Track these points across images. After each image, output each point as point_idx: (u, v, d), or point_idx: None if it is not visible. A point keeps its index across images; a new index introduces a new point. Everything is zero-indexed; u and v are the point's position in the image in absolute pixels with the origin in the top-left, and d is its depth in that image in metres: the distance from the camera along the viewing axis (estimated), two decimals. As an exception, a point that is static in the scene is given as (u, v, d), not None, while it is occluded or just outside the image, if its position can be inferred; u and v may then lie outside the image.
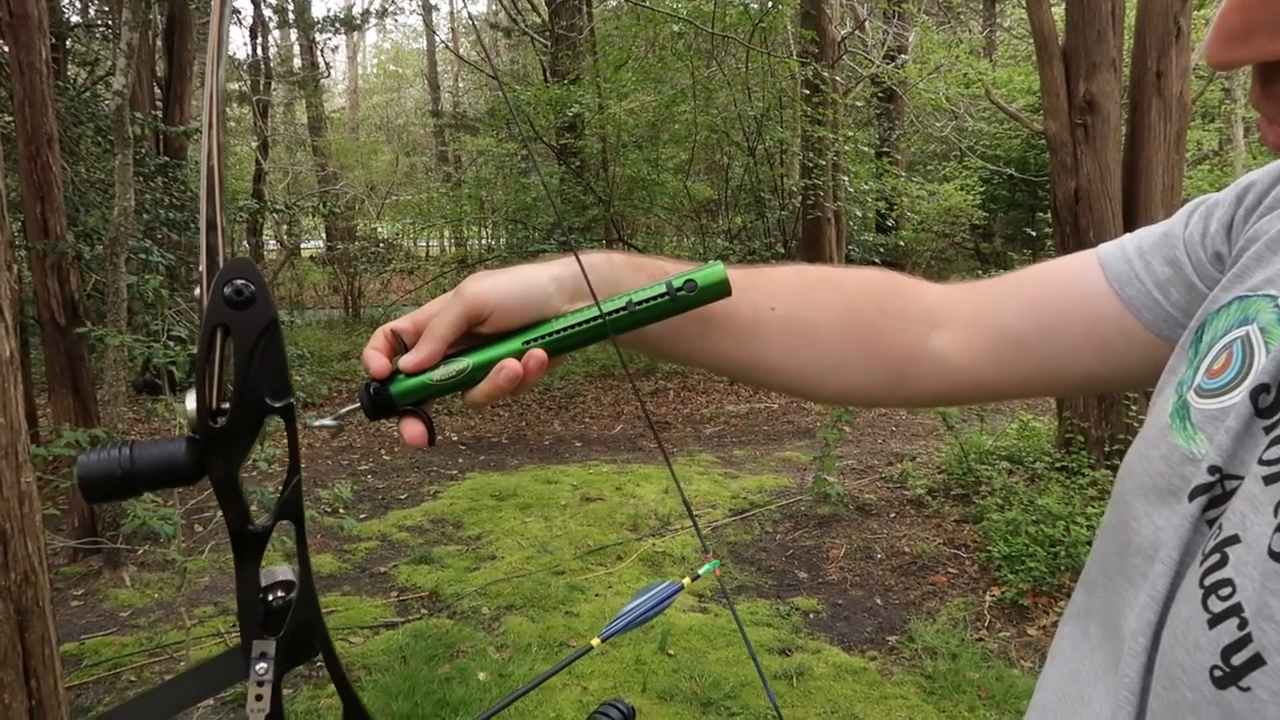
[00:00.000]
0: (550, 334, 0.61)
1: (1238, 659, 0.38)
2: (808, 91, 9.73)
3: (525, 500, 5.59)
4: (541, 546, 4.74)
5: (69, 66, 8.94)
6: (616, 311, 0.61)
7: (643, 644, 3.59)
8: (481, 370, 0.60)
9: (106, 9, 10.07)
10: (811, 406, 8.28)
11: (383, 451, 7.05)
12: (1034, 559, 4.03)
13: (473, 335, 0.61)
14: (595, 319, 0.61)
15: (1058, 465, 4.95)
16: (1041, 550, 4.06)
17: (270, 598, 0.53)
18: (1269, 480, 0.41)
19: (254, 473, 5.16)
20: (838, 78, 10.21)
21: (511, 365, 0.59)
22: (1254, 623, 0.38)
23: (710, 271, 0.62)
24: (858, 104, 11.85)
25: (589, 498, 5.60)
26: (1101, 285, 0.65)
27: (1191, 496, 0.46)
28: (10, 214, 2.76)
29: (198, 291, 0.51)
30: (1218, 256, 0.59)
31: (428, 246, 20.56)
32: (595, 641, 0.63)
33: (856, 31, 11.34)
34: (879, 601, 4.08)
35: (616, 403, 8.67)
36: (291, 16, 16.92)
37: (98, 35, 10.38)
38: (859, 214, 11.18)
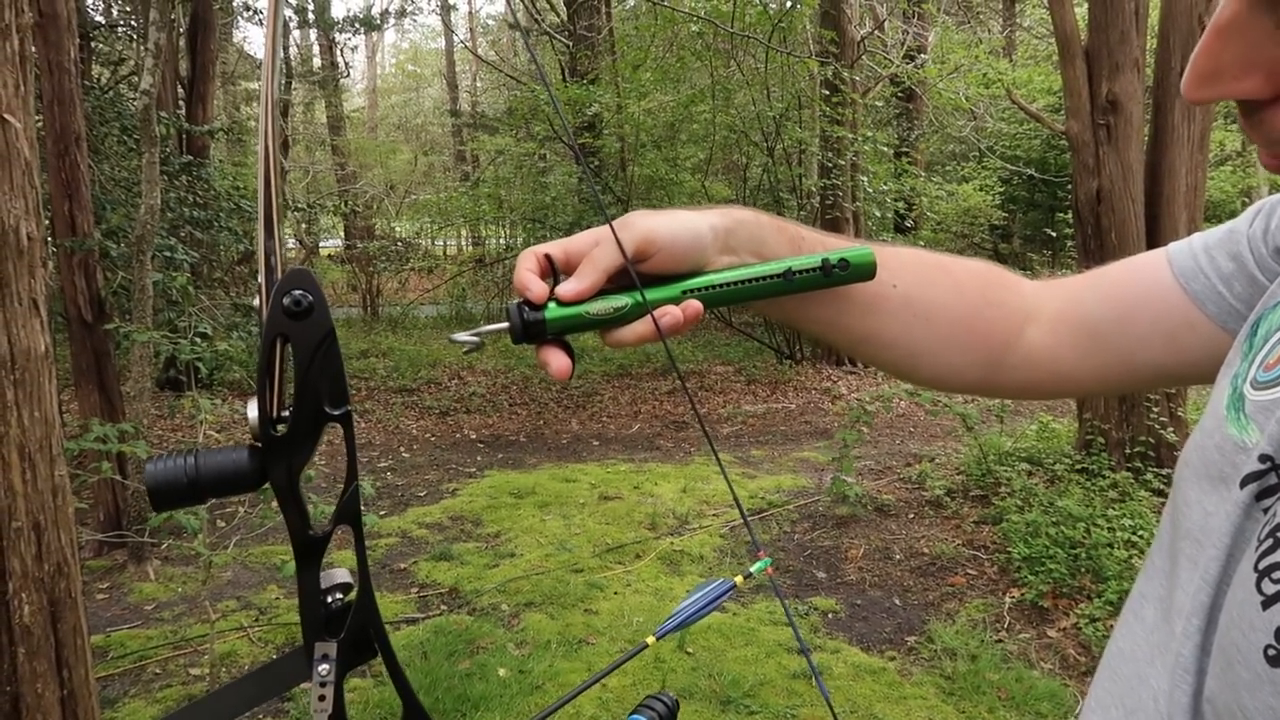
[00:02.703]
0: (709, 287, 0.60)
1: None
2: (827, 91, 9.71)
3: (544, 498, 5.62)
4: (560, 544, 4.76)
5: (93, 66, 9.03)
6: (773, 277, 0.62)
7: (662, 642, 3.59)
8: (639, 310, 0.59)
9: (129, 9, 10.19)
10: (829, 407, 8.27)
11: (402, 449, 7.09)
12: (1054, 560, 4.01)
13: (625, 273, 0.60)
14: (752, 281, 0.62)
15: (1078, 467, 4.93)
16: (1061, 552, 4.05)
17: (330, 600, 0.54)
18: None
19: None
20: (857, 78, 10.19)
21: (674, 312, 0.58)
22: None
23: (862, 253, 0.63)
24: (877, 104, 11.81)
25: (607, 496, 5.61)
26: (1169, 279, 0.67)
27: (1243, 484, 0.48)
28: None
29: (257, 302, 0.52)
30: (1278, 251, 0.61)
31: (445, 246, 20.65)
32: (650, 639, 0.64)
33: (876, 31, 11.31)
34: (898, 602, 4.08)
35: (634, 402, 8.69)
36: (312, 17, 17.03)
37: (120, 35, 10.49)
38: (878, 214, 11.14)
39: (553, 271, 0.60)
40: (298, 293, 0.50)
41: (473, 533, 5.07)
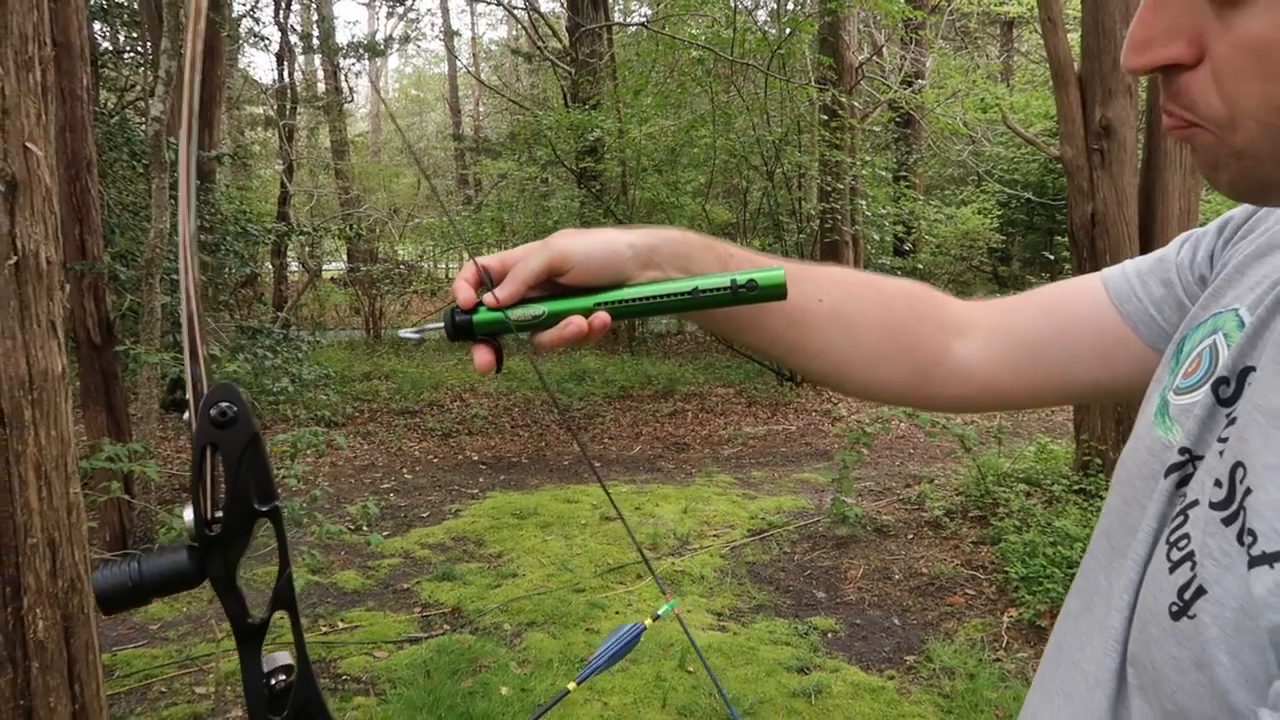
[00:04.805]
0: (619, 301, 0.67)
1: (1187, 594, 0.46)
2: (825, 116, 9.83)
3: (545, 519, 5.65)
4: (562, 564, 4.80)
5: (100, 92, 9.15)
6: (681, 294, 0.67)
7: (662, 661, 3.63)
8: (555, 319, 0.66)
9: (136, 35, 10.33)
10: (829, 428, 8.31)
11: (404, 470, 7.13)
12: (1051, 580, 4.05)
13: (553, 284, 0.68)
14: (659, 297, 0.68)
15: (1075, 488, 4.97)
16: (1059, 571, 4.08)
17: (273, 681, 0.58)
18: (1222, 454, 0.49)
19: (280, 491, 5.25)
20: (855, 103, 10.32)
21: (579, 322, 0.66)
22: (1199, 561, 0.46)
23: (772, 274, 0.68)
24: (875, 128, 11.95)
25: (608, 517, 5.65)
26: (1105, 302, 0.73)
27: (1167, 474, 0.54)
28: (57, 236, 2.86)
29: (186, 415, 0.57)
30: (1202, 279, 0.67)
31: (448, 269, 20.77)
32: (571, 686, 0.68)
33: (874, 57, 11.45)
34: (897, 621, 4.11)
35: (635, 424, 8.73)
36: (316, 43, 17.23)
37: (127, 61, 10.63)
38: (876, 237, 11.24)
39: (490, 281, 0.68)
40: (224, 404, 0.55)
41: (475, 553, 5.10)
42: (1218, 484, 0.48)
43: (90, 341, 4.72)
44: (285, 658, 0.58)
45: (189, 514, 0.55)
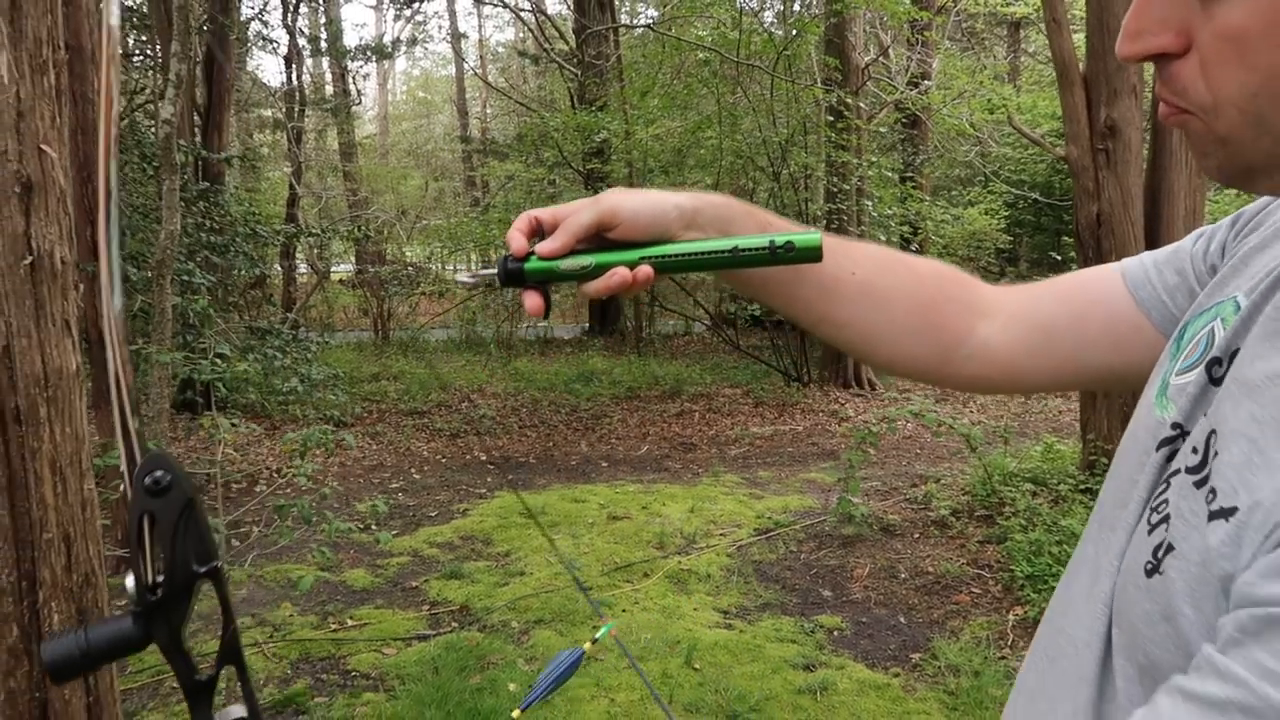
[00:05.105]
0: (663, 256, 0.71)
1: (1160, 552, 0.49)
2: (832, 118, 9.84)
3: (553, 518, 5.68)
4: (569, 563, 4.82)
5: (112, 95, 9.20)
6: (722, 252, 0.71)
7: (669, 658, 3.66)
8: (602, 269, 0.70)
9: (145, 39, 10.41)
10: (836, 429, 8.32)
11: (413, 470, 7.17)
12: (1057, 579, 4.04)
13: (601, 239, 0.71)
14: (701, 254, 0.71)
15: (1081, 487, 4.97)
16: (1064, 570, 4.09)
17: None
18: (1203, 425, 0.52)
19: (289, 489, 5.29)
20: (861, 104, 10.32)
21: (624, 273, 0.70)
22: (1173, 522, 0.49)
23: (809, 237, 0.71)
24: (881, 130, 11.94)
25: (615, 516, 5.68)
26: (1120, 288, 0.76)
27: (1158, 448, 0.57)
28: (71, 237, 2.89)
29: (123, 487, 0.57)
30: (1213, 270, 0.69)
31: (455, 270, 20.83)
32: (516, 714, 0.70)
33: (880, 58, 11.45)
34: (903, 620, 4.13)
35: (643, 424, 8.75)
36: (324, 45, 17.32)
37: (137, 65, 10.71)
38: (883, 238, 11.21)
39: (541, 232, 0.72)
40: (158, 473, 0.55)
41: (483, 552, 5.13)
42: (1194, 451, 0.51)
43: (102, 342, 4.76)
44: (239, 710, 0.59)
45: (130, 581, 0.56)
